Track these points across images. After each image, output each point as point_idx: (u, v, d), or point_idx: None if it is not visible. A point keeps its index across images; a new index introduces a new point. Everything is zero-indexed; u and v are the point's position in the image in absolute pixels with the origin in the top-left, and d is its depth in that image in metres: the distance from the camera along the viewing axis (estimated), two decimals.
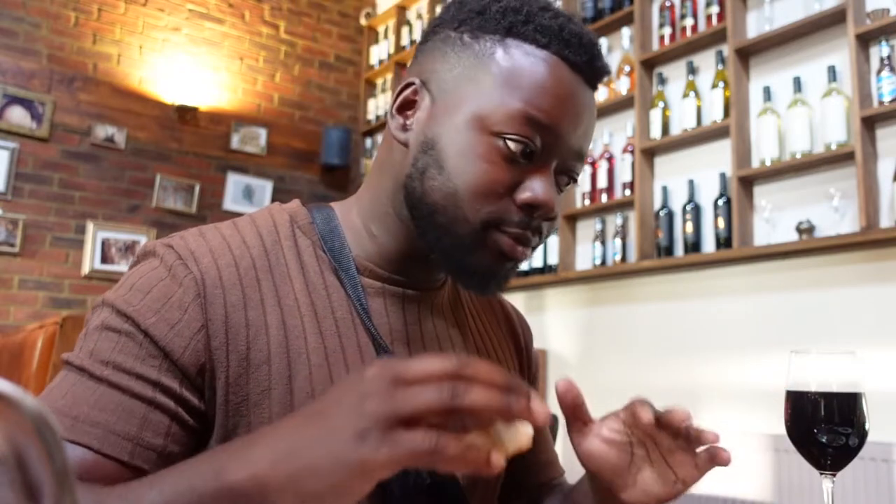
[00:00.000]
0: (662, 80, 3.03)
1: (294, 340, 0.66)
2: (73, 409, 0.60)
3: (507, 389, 0.45)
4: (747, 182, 2.66)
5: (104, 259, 3.79)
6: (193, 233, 0.70)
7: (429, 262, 0.74)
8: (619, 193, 3.14)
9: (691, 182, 2.85)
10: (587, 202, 3.24)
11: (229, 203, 4.21)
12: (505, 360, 0.84)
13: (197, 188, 4.10)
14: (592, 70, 0.68)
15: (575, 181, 0.72)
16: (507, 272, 0.70)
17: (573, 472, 0.77)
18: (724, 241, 2.68)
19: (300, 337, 0.67)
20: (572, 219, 3.32)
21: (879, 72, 2.34)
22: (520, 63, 0.65)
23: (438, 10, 4.51)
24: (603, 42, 3.30)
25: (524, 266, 3.41)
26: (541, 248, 3.35)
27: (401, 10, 4.65)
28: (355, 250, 0.74)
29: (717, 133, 2.78)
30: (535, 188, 0.66)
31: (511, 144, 0.64)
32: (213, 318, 0.64)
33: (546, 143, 0.66)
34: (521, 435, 0.48)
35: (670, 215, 2.91)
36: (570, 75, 0.66)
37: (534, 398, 0.46)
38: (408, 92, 0.71)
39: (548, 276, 3.25)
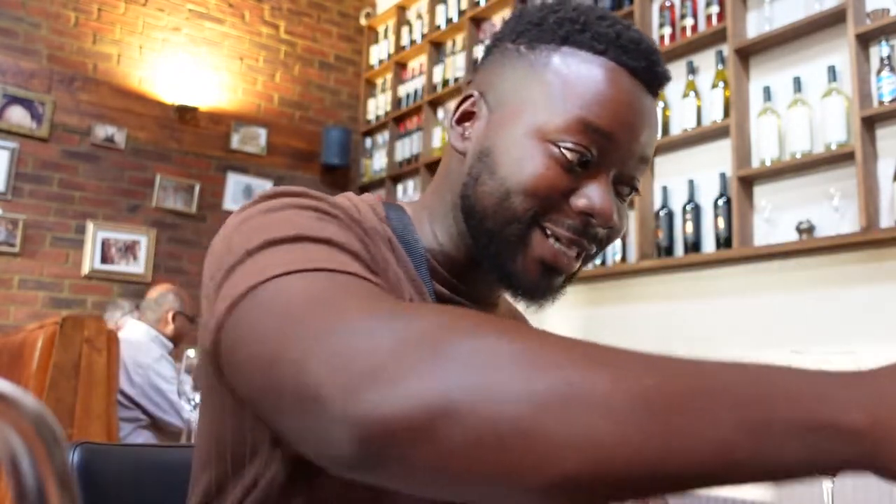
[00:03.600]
0: None
1: None
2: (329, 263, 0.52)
3: None
4: (747, 182, 2.66)
5: (104, 259, 3.79)
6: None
7: (486, 276, 0.73)
8: None
9: (691, 182, 2.85)
10: None
11: (229, 203, 4.20)
12: None
13: (197, 188, 4.10)
14: (652, 75, 0.67)
15: (636, 190, 0.70)
16: (554, 284, 0.69)
17: None
18: (723, 241, 2.68)
19: None
20: None
21: (879, 72, 2.34)
22: (576, 70, 0.65)
23: (439, 9, 4.50)
24: None
25: None
26: None
27: (401, 10, 4.65)
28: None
29: (717, 133, 2.77)
30: (591, 196, 0.64)
31: (567, 153, 0.63)
32: (370, 263, 0.59)
33: (603, 151, 0.64)
34: None
35: (670, 215, 2.91)
36: (629, 81, 0.65)
37: None
38: (467, 104, 0.72)
39: None
